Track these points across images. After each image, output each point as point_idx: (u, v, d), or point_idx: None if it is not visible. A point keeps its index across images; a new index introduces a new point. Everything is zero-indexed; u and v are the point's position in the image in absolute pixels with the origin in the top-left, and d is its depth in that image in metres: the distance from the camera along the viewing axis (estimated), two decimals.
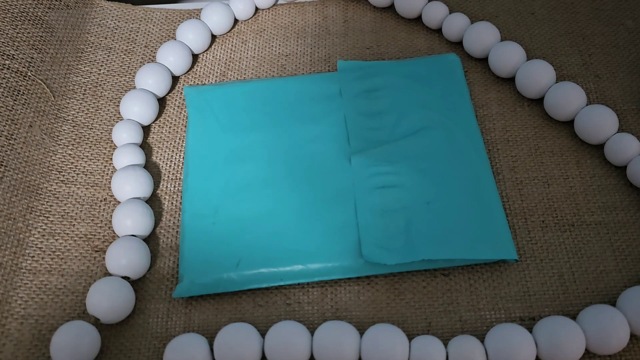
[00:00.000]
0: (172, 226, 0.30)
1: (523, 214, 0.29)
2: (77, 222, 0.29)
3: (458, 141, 0.31)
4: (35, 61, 0.33)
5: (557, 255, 0.28)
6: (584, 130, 0.31)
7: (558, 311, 0.26)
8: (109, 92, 0.34)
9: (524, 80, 0.32)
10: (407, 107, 0.32)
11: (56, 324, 0.26)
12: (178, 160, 0.32)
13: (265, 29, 0.37)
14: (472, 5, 0.37)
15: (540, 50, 0.35)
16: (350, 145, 0.31)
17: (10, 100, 0.31)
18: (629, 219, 0.29)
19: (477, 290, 0.27)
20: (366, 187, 0.29)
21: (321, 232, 0.28)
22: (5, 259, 0.27)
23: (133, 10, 0.38)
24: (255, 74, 0.35)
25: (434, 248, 0.27)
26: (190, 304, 0.27)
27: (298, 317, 0.27)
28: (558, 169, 0.30)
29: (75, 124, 0.33)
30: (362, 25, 0.37)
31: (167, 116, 0.34)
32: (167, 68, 0.34)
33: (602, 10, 0.36)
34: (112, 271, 0.27)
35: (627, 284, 0.27)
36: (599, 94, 0.33)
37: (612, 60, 0.34)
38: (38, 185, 0.30)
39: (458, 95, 0.33)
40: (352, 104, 0.32)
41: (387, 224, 0.28)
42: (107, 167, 0.31)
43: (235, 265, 0.28)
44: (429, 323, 0.26)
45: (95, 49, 0.36)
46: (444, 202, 0.29)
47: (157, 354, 0.26)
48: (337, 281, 0.28)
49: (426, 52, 0.35)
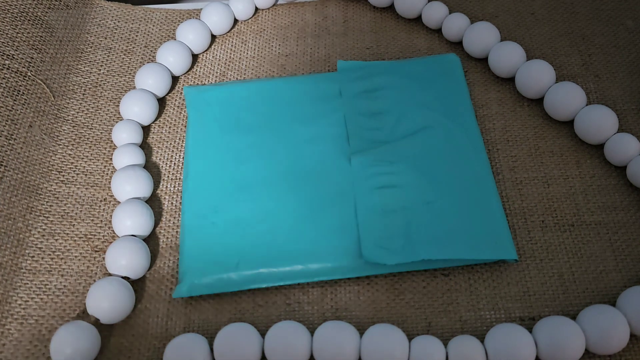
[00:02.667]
0: (172, 226, 0.30)
1: (523, 214, 0.29)
2: (77, 222, 0.29)
3: (458, 141, 0.31)
4: (35, 61, 0.33)
5: (557, 255, 0.28)
6: (584, 130, 0.31)
7: (558, 311, 0.26)
8: (108, 92, 0.34)
9: (524, 80, 0.32)
10: (407, 107, 0.32)
11: (56, 324, 0.26)
12: (178, 160, 0.32)
13: (265, 29, 0.37)
14: (472, 5, 0.37)
15: (540, 50, 0.35)
16: (350, 145, 0.31)
17: (10, 100, 0.31)
18: (629, 219, 0.29)
19: (477, 290, 0.27)
20: (366, 187, 0.29)
21: (321, 232, 0.28)
22: (5, 259, 0.27)
23: (133, 10, 0.38)
24: (255, 74, 0.35)
25: (434, 248, 0.27)
26: (190, 304, 0.27)
27: (298, 317, 0.27)
28: (558, 169, 0.30)
29: (75, 124, 0.33)
30: (362, 25, 0.37)
31: (167, 116, 0.34)
32: (167, 68, 0.34)
33: (602, 10, 0.36)
34: (112, 271, 0.27)
35: (627, 284, 0.27)
36: (599, 94, 0.33)
37: (612, 60, 0.34)
38: (38, 185, 0.30)
39: (458, 95, 0.32)
40: (352, 104, 0.32)
41: (387, 224, 0.28)
42: (107, 167, 0.31)
43: (235, 265, 0.28)
44: (429, 323, 0.26)
45: (95, 49, 0.36)
46: (444, 202, 0.29)
47: (157, 354, 0.26)
48: (337, 281, 0.28)
49: (426, 52, 0.35)
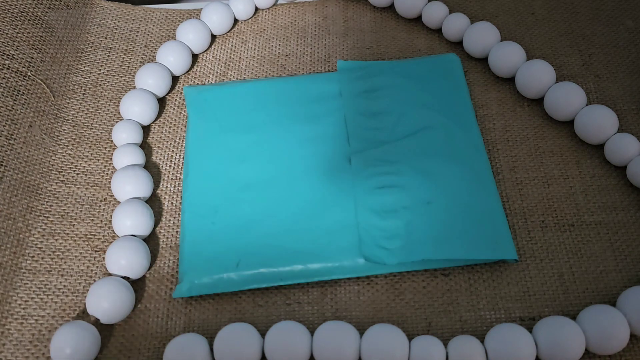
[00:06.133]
0: (172, 226, 0.30)
1: (523, 214, 0.29)
2: (77, 222, 0.29)
3: (458, 141, 0.31)
4: (35, 61, 0.33)
5: (557, 255, 0.28)
6: (584, 130, 0.31)
7: (558, 311, 0.26)
8: (109, 92, 0.34)
9: (524, 80, 0.32)
10: (407, 107, 0.32)
11: (56, 324, 0.26)
12: (178, 160, 0.32)
13: (265, 29, 0.37)
14: (472, 5, 0.37)
15: (540, 50, 0.35)
16: (350, 145, 0.31)
17: (10, 100, 0.31)
18: (629, 219, 0.29)
19: (477, 290, 0.27)
20: (366, 187, 0.29)
21: (321, 232, 0.28)
22: (5, 259, 0.27)
23: (133, 10, 0.38)
24: (255, 74, 0.35)
25: (434, 248, 0.27)
26: (190, 304, 0.27)
27: (298, 317, 0.27)
28: (558, 169, 0.30)
29: (75, 124, 0.33)
30: (362, 25, 0.37)
31: (167, 116, 0.34)
32: (167, 68, 0.34)
33: (602, 10, 0.36)
34: (112, 271, 0.27)
35: (627, 284, 0.27)
36: (599, 94, 0.33)
37: (612, 60, 0.34)
38: (38, 185, 0.30)
39: (458, 95, 0.32)
40: (352, 104, 0.32)
41: (387, 224, 0.28)
42: (107, 167, 0.31)
43: (235, 265, 0.28)
44: (429, 323, 0.26)
45: (95, 48, 0.36)
46: (444, 202, 0.29)
47: (157, 354, 0.26)
48: (337, 281, 0.28)
49: (426, 52, 0.35)
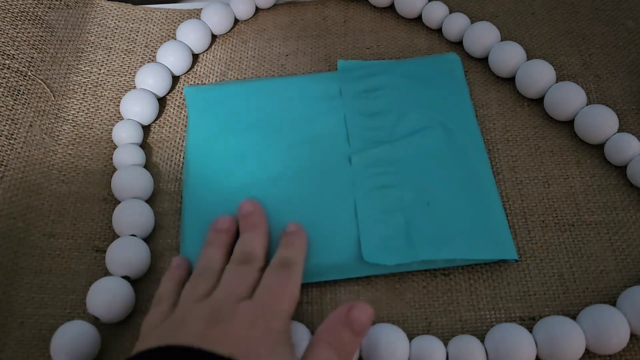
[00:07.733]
0: (172, 226, 0.30)
1: (523, 214, 0.29)
2: (77, 222, 0.29)
3: (458, 141, 0.31)
4: (35, 61, 0.33)
5: (557, 255, 0.28)
6: (584, 130, 0.31)
7: (558, 311, 0.26)
8: (109, 91, 0.34)
9: (524, 80, 0.32)
10: (407, 107, 0.32)
11: (56, 324, 0.26)
12: (178, 160, 0.32)
13: (265, 28, 0.37)
14: (472, 5, 0.37)
15: (540, 50, 0.35)
16: (350, 145, 0.31)
17: (11, 100, 0.31)
18: (629, 219, 0.29)
19: (477, 290, 0.27)
20: (366, 187, 0.29)
21: (321, 232, 0.28)
22: (5, 259, 0.27)
23: (133, 10, 0.38)
24: (256, 73, 0.35)
25: (434, 248, 0.27)
26: None
27: (298, 317, 0.27)
28: (558, 169, 0.30)
29: (76, 124, 0.33)
30: (362, 25, 0.37)
31: (167, 116, 0.34)
32: (167, 68, 0.34)
33: (602, 10, 0.36)
34: (112, 271, 0.27)
35: (627, 284, 0.27)
36: (599, 94, 0.33)
37: (612, 60, 0.34)
38: (38, 185, 0.30)
39: (458, 95, 0.32)
40: (352, 103, 0.32)
41: (387, 224, 0.28)
42: (107, 167, 0.31)
43: None
44: (429, 323, 0.26)
45: (95, 48, 0.36)
46: (444, 202, 0.29)
47: None
48: (337, 281, 0.28)
49: (426, 52, 0.35)
